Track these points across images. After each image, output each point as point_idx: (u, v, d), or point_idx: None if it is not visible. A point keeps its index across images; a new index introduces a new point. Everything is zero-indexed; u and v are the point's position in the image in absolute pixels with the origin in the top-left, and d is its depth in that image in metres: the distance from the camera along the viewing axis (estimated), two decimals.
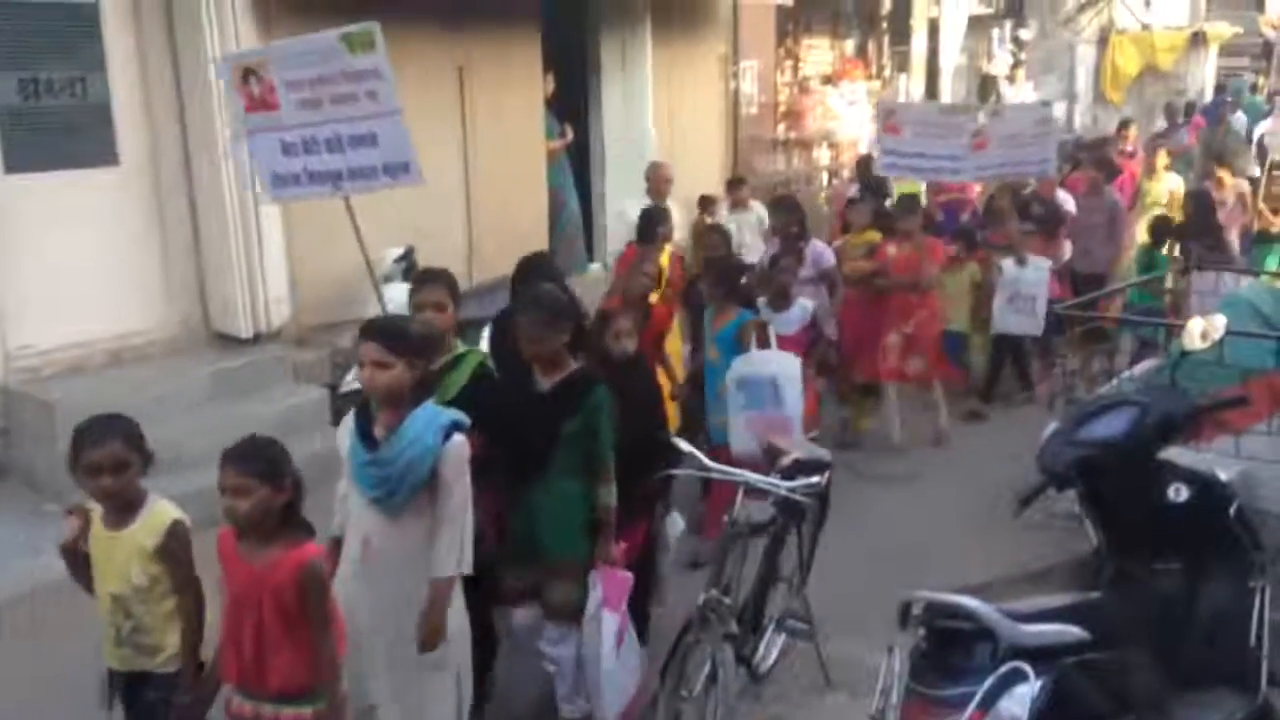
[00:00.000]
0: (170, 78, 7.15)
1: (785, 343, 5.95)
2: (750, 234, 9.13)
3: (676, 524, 4.87)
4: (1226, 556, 3.36)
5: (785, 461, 4.27)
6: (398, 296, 7.38)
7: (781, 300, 6.43)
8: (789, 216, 7.40)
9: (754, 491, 4.04)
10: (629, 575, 4.09)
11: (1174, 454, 3.59)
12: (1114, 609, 3.19)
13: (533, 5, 9.16)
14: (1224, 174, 10.15)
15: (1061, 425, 3.79)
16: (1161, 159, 10.68)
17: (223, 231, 7.27)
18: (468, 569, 3.43)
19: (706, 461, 4.17)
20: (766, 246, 7.79)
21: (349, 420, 3.57)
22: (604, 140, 10.70)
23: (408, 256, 7.61)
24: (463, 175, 8.75)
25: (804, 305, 6.45)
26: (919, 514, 6.23)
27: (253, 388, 6.99)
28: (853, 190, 9.68)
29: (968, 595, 3.01)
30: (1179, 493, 3.36)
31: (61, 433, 6.23)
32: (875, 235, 7.69)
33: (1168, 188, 10.38)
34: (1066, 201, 8.96)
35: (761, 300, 6.41)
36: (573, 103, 10.26)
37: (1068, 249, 8.62)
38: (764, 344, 5.58)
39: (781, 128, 13.08)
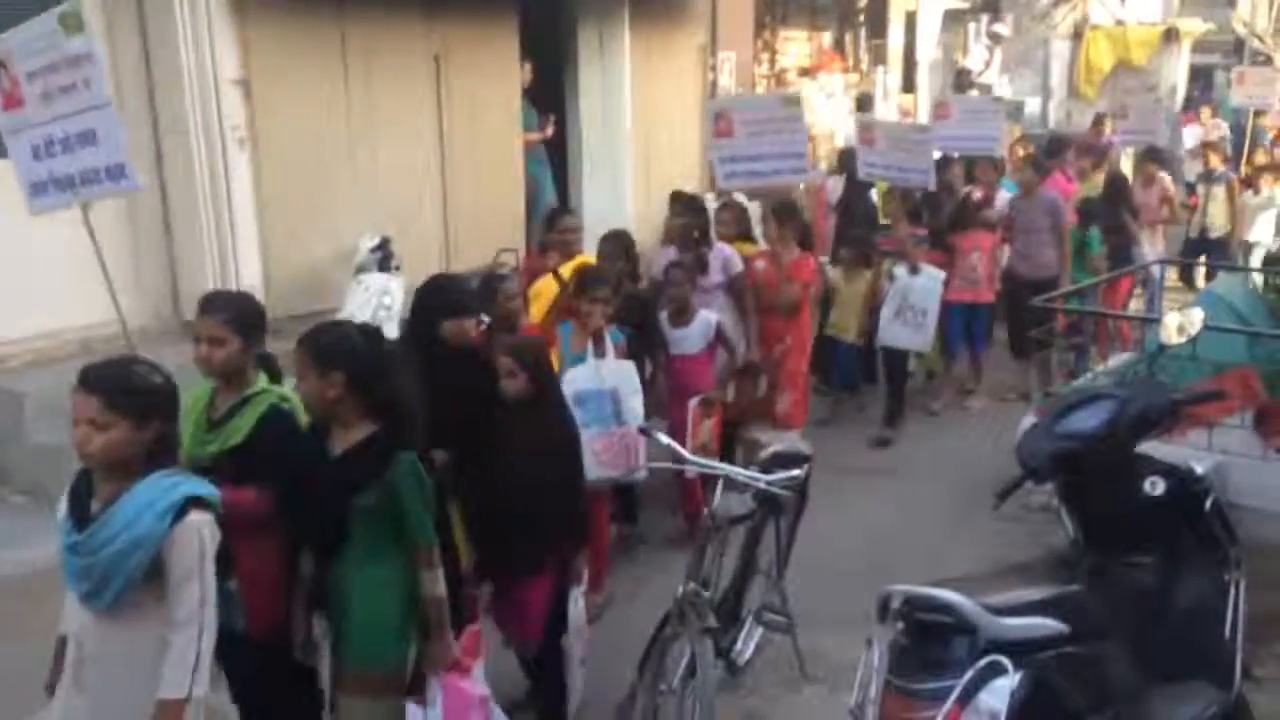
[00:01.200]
0: (141, 65, 7.06)
1: (688, 363, 5.60)
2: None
3: (579, 607, 4.08)
4: (1202, 550, 3.38)
5: (764, 455, 4.23)
6: (374, 285, 7.34)
7: (679, 315, 5.72)
8: (689, 218, 6.43)
9: (733, 484, 4.00)
10: (481, 693, 3.43)
11: (1149, 448, 3.61)
12: (1092, 602, 3.20)
13: None
14: (1158, 172, 10.26)
15: (1040, 419, 3.80)
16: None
17: (194, 221, 7.19)
18: (202, 689, 2.61)
19: (684, 453, 4.11)
20: (661, 254, 6.71)
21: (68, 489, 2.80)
22: (581, 131, 10.65)
23: (383, 247, 7.56)
24: (439, 165, 8.69)
25: (707, 319, 5.70)
26: (898, 507, 6.25)
27: None
28: (830, 184, 9.65)
29: (946, 588, 3.01)
30: (1155, 486, 3.38)
31: (30, 424, 6.18)
32: (748, 247, 6.83)
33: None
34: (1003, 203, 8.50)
35: (662, 315, 5.79)
36: (551, 93, 10.21)
37: (1005, 253, 8.38)
38: (601, 352, 4.97)
39: None
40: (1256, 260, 10.05)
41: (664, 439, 4.13)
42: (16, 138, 5.11)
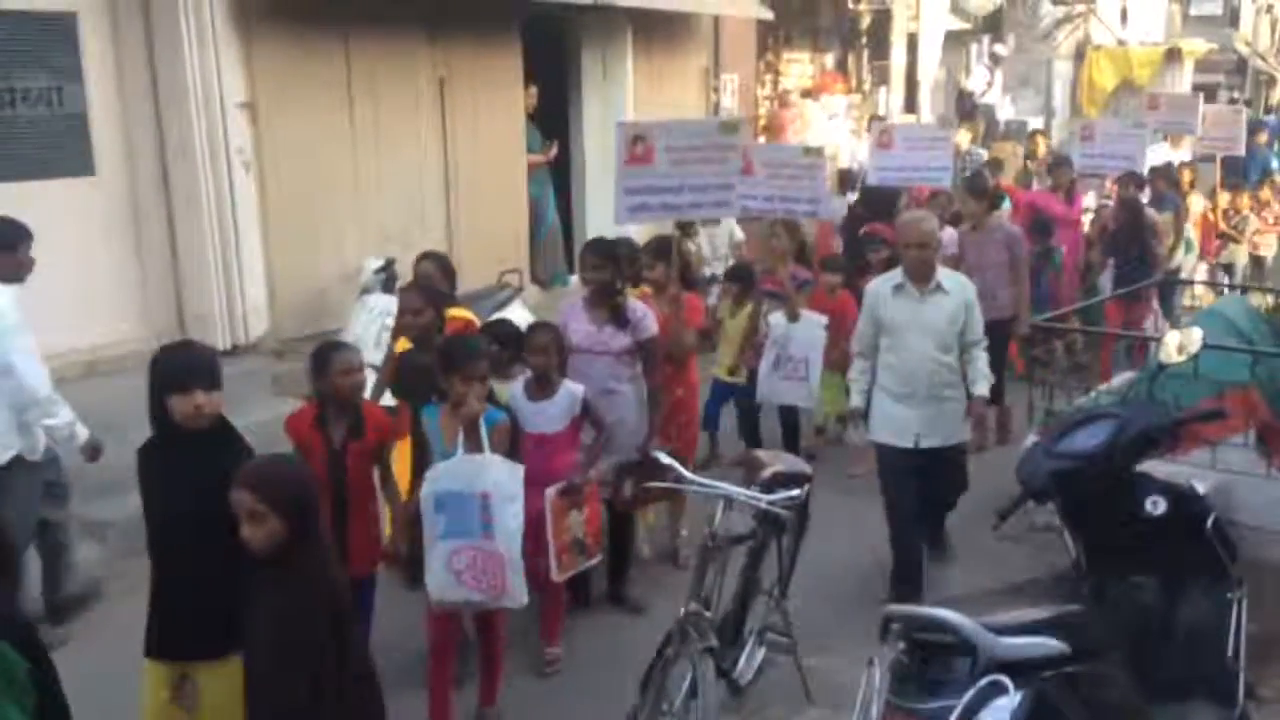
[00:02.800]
0: (148, 88, 7.11)
1: (547, 444, 4.56)
2: (723, 249, 9.14)
3: None
4: (1204, 569, 3.38)
5: (765, 474, 4.18)
6: (378, 305, 7.37)
7: (539, 387, 4.66)
8: (607, 270, 5.07)
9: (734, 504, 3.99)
10: None
11: (1151, 466, 3.62)
12: (1093, 621, 3.19)
13: (514, 18, 9.17)
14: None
15: (1040, 438, 3.81)
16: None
17: (200, 242, 7.23)
18: None
19: (685, 473, 4.07)
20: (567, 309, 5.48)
21: None
22: (584, 153, 10.70)
23: (387, 268, 7.59)
24: (443, 186, 8.74)
25: (571, 392, 4.63)
26: None
27: (230, 400, 6.90)
28: (836, 205, 9.64)
29: (948, 608, 3.01)
30: (1156, 505, 3.38)
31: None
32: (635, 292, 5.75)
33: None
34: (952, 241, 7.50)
35: (517, 386, 4.74)
36: (554, 115, 10.27)
37: None
38: (475, 444, 4.05)
39: (761, 141, 13.13)
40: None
41: (665, 459, 4.07)
42: None
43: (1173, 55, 18.38)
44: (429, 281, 5.42)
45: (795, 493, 3.99)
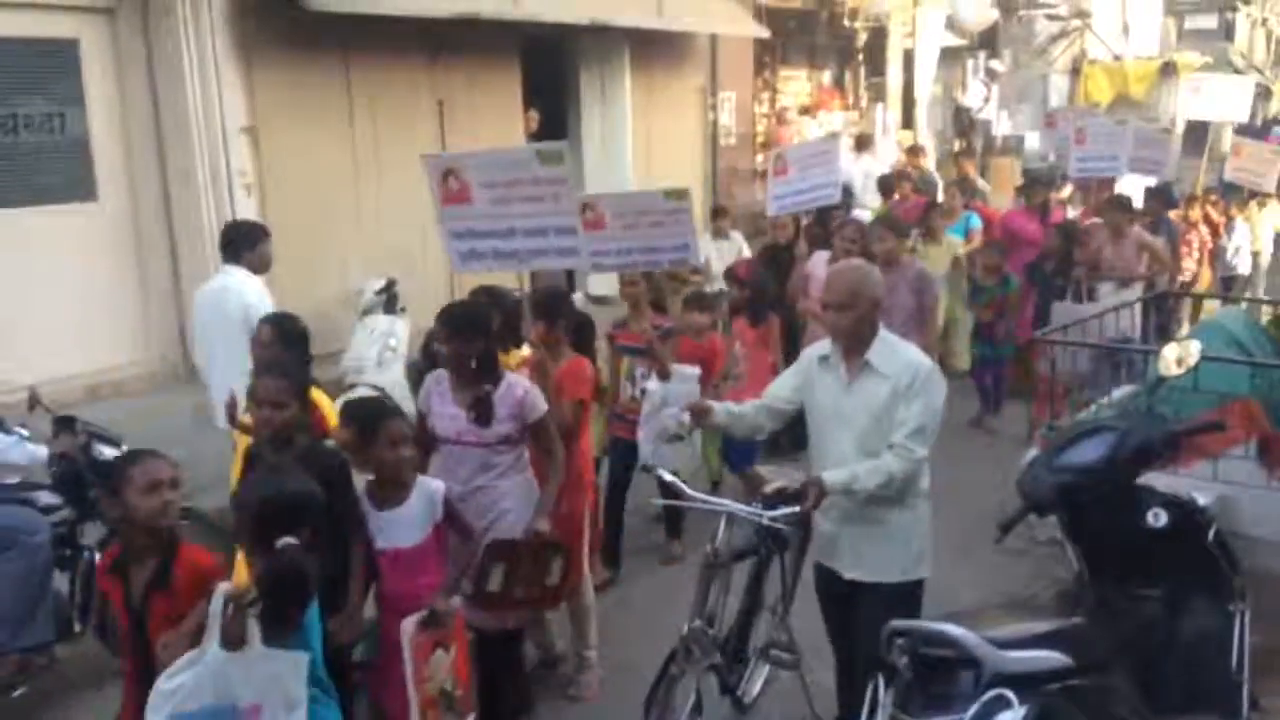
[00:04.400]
0: (150, 114, 7.16)
1: (402, 561, 3.72)
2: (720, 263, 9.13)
3: None
4: (1206, 581, 3.38)
5: (767, 490, 4.13)
6: (379, 326, 7.40)
7: (390, 489, 3.78)
8: (461, 337, 4.10)
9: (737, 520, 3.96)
10: None
11: (1152, 479, 3.63)
12: (1096, 635, 3.20)
13: (512, 41, 9.23)
14: (1129, 223, 8.41)
15: (1041, 452, 3.82)
16: None
17: (203, 266, 7.25)
18: None
19: (687, 490, 4.01)
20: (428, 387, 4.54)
21: None
22: (584, 174, 10.75)
23: (389, 289, 7.63)
24: None
25: (429, 493, 3.78)
26: None
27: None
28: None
29: (951, 622, 3.02)
30: (1158, 517, 3.39)
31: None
32: (511, 356, 4.93)
33: None
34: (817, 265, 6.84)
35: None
36: (553, 136, 10.31)
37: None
38: (237, 631, 2.84)
39: (760, 158, 13.18)
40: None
41: (666, 475, 4.01)
42: None
43: (1168, 69, 18.44)
44: (272, 353, 4.24)
45: (797, 508, 3.87)
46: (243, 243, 5.62)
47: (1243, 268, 11.27)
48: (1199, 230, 10.56)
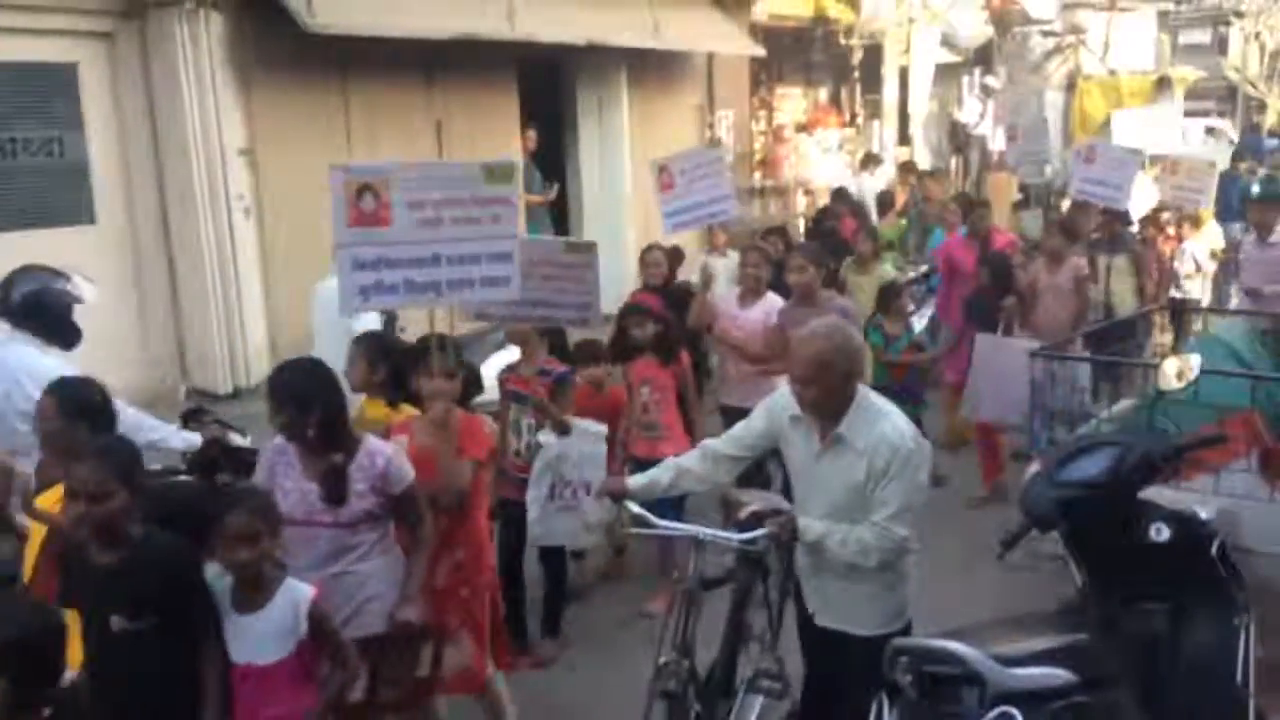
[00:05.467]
0: (148, 136, 7.19)
1: (256, 682, 3.07)
2: (724, 282, 9.08)
3: None
4: (1210, 595, 3.36)
5: (743, 514, 3.80)
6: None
7: (250, 589, 3.11)
8: (292, 410, 3.49)
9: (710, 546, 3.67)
10: None
11: (1154, 493, 3.61)
12: (1101, 651, 3.18)
13: (510, 61, 9.27)
14: (1069, 251, 7.70)
15: (1043, 467, 3.81)
16: None
17: (201, 287, 7.27)
18: None
19: (654, 520, 3.67)
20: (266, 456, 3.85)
21: None
22: (581, 192, 10.78)
23: (387, 310, 7.61)
24: None
25: (292, 596, 3.12)
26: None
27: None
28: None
29: (955, 640, 3.00)
30: (1160, 532, 3.37)
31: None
32: (381, 411, 4.39)
33: None
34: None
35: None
36: (551, 155, 10.35)
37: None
38: None
39: (757, 175, 13.22)
40: None
41: (635, 509, 3.64)
42: None
43: (1163, 84, 18.51)
44: (54, 427, 3.61)
45: (773, 530, 3.47)
46: None
47: (1196, 291, 10.02)
48: (1158, 251, 9.45)
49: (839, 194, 11.07)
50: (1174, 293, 9.71)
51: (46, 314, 4.67)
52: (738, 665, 3.98)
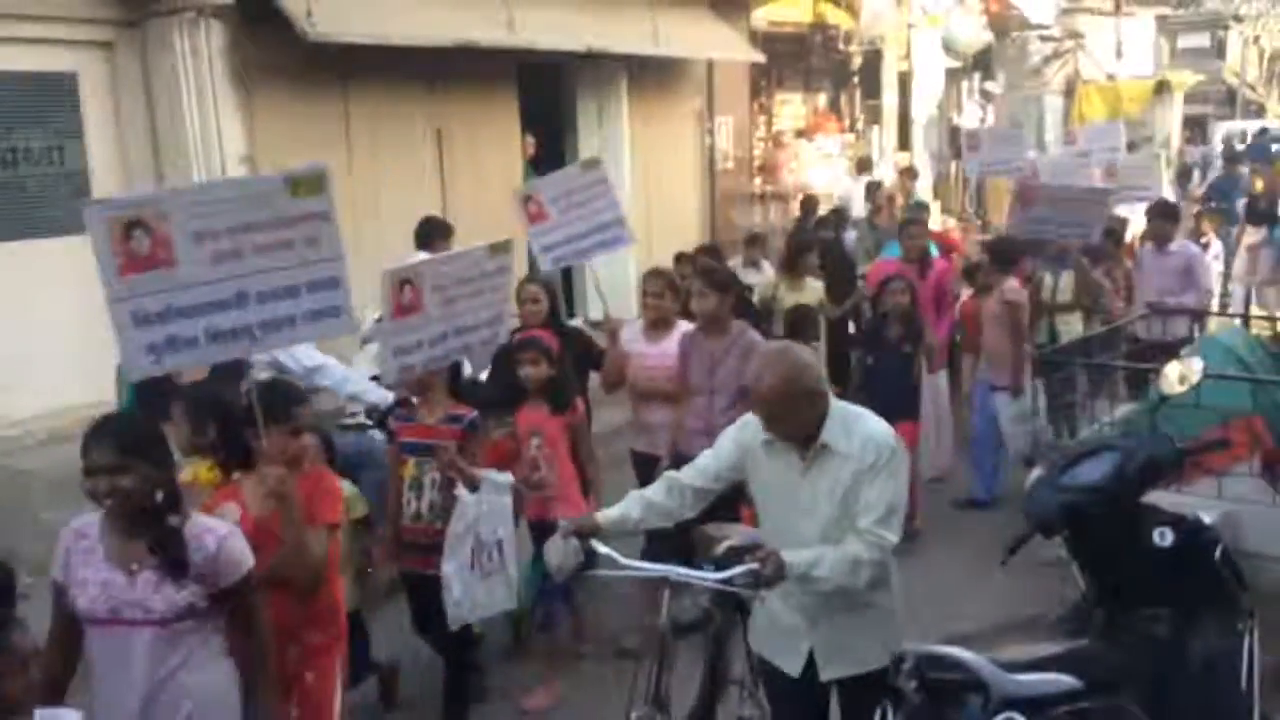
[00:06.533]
0: (148, 145, 7.19)
1: None
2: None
3: None
4: (1214, 599, 3.35)
5: (719, 549, 3.49)
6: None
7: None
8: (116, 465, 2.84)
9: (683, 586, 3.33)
10: None
11: (1157, 497, 3.61)
12: (1105, 656, 3.17)
13: (510, 68, 9.28)
14: (1004, 278, 7.03)
15: (1046, 472, 3.80)
16: None
17: None
18: None
19: (621, 560, 3.32)
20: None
21: None
22: None
23: None
24: None
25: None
26: (906, 564, 6.19)
27: None
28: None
29: (958, 646, 3.00)
30: (1164, 536, 3.36)
31: (38, 503, 6.19)
32: (206, 474, 3.84)
33: None
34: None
35: None
36: (552, 162, 10.35)
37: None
38: None
39: (757, 181, 13.23)
40: None
41: (602, 548, 3.29)
42: None
43: (1162, 88, 18.55)
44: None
45: (753, 566, 3.10)
46: (435, 233, 6.91)
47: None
48: (1121, 264, 8.82)
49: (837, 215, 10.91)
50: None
51: None
52: (717, 715, 3.72)
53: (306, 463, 3.53)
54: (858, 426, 3.15)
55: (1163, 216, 7.90)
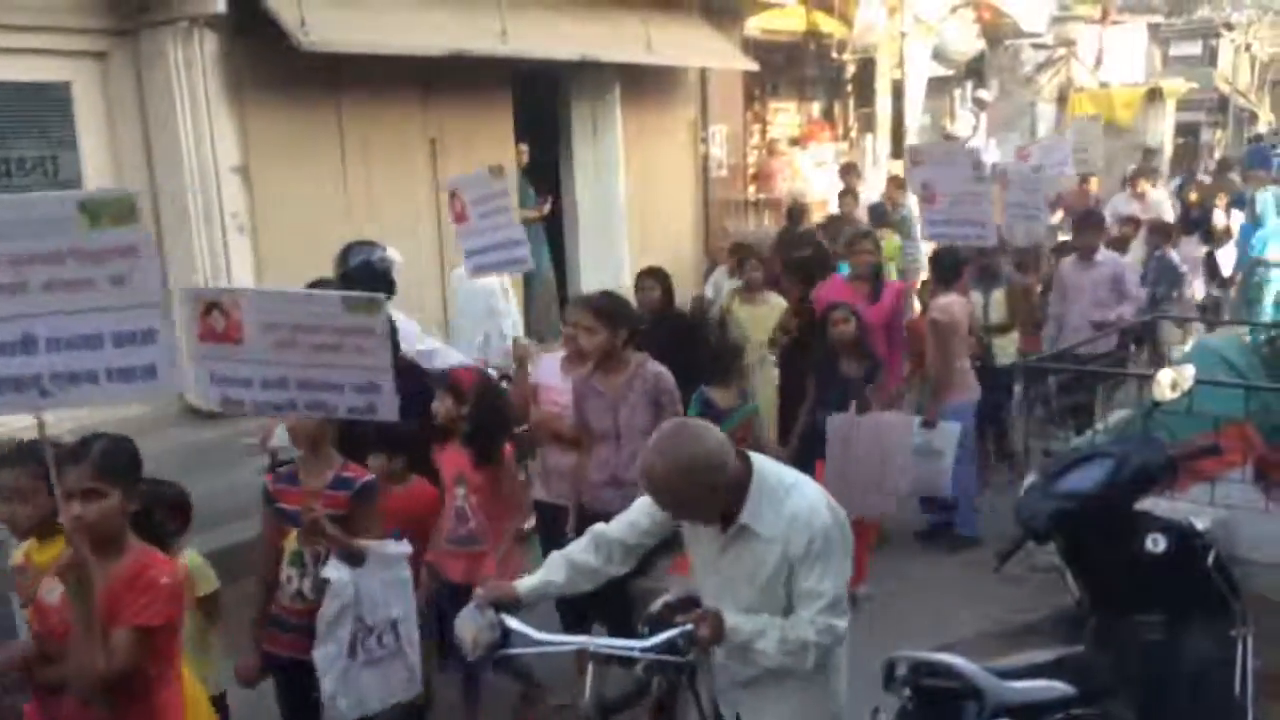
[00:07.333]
0: (142, 155, 7.19)
1: None
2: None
3: None
4: (1207, 606, 3.36)
5: (655, 606, 3.09)
6: None
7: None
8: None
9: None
10: None
11: (1150, 504, 3.62)
12: (1098, 663, 3.18)
13: (503, 77, 9.29)
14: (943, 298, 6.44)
15: (1039, 478, 3.81)
16: None
17: None
18: None
19: (536, 635, 2.92)
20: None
21: None
22: (577, 208, 10.79)
23: None
24: (436, 244, 8.79)
25: None
26: (900, 571, 6.20)
27: (225, 462, 6.92)
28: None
29: (952, 653, 3.00)
30: (1157, 543, 3.37)
31: None
32: (39, 555, 3.32)
33: None
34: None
35: None
36: (546, 171, 10.37)
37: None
38: None
39: (751, 189, 13.25)
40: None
41: (514, 623, 2.90)
42: None
43: (1154, 95, 18.62)
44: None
45: (688, 628, 2.77)
46: None
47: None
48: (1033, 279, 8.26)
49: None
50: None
51: (377, 278, 5.08)
52: None
53: (129, 541, 2.85)
54: (786, 503, 2.76)
55: (1089, 227, 7.62)
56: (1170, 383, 4.15)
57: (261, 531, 3.88)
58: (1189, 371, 4.20)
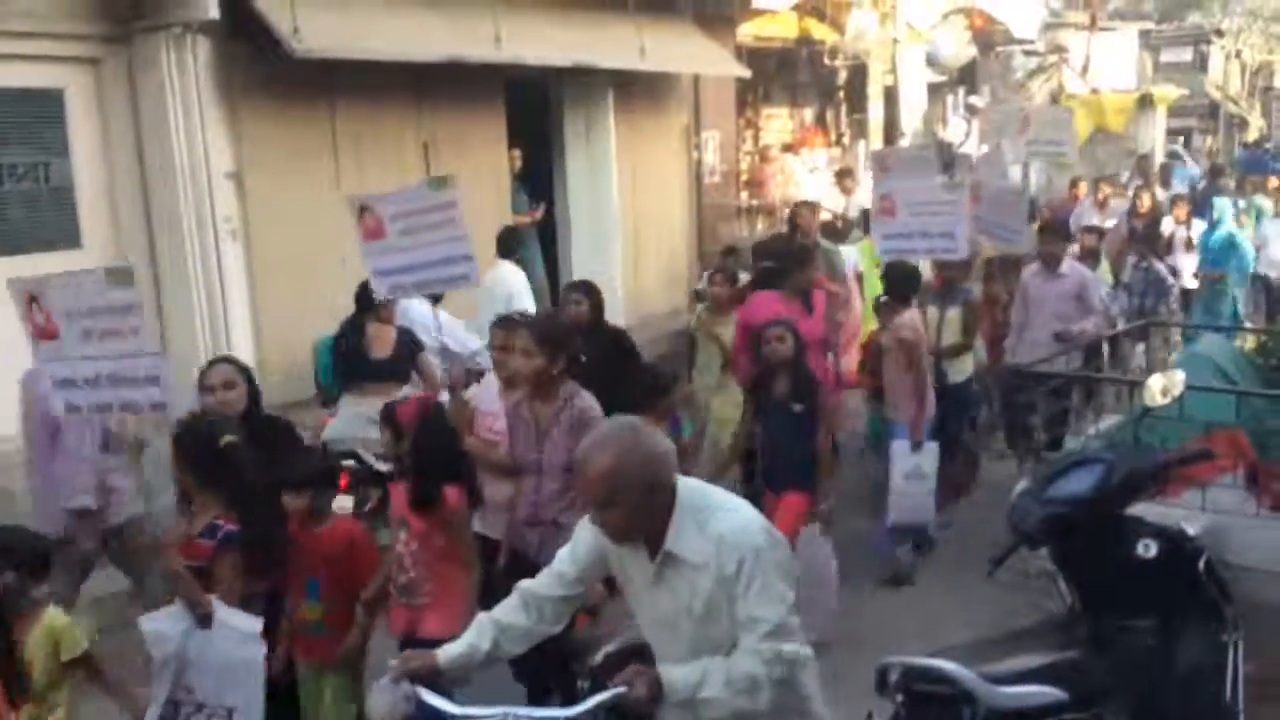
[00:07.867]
0: (135, 161, 7.19)
1: None
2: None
3: None
4: (1198, 611, 3.37)
5: (596, 658, 2.90)
6: None
7: None
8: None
9: None
10: None
11: (1141, 509, 3.63)
12: (1090, 668, 3.19)
13: (497, 82, 9.30)
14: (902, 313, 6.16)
15: (1030, 484, 3.82)
16: None
17: (188, 312, 7.25)
18: None
19: (453, 711, 2.59)
20: None
21: None
22: (570, 213, 10.81)
23: None
24: None
25: None
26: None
27: None
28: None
29: (945, 658, 3.01)
30: (1148, 548, 3.39)
31: (26, 522, 6.14)
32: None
33: None
34: None
35: None
36: (539, 177, 10.38)
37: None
38: None
39: (744, 195, 13.28)
40: None
41: (429, 697, 2.61)
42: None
43: (1145, 101, 18.68)
44: None
45: (620, 691, 2.47)
46: (514, 244, 7.67)
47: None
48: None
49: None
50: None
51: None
52: None
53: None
54: (711, 524, 2.53)
55: (1054, 236, 7.43)
56: (1161, 388, 4.17)
57: None
58: (1179, 377, 4.22)
